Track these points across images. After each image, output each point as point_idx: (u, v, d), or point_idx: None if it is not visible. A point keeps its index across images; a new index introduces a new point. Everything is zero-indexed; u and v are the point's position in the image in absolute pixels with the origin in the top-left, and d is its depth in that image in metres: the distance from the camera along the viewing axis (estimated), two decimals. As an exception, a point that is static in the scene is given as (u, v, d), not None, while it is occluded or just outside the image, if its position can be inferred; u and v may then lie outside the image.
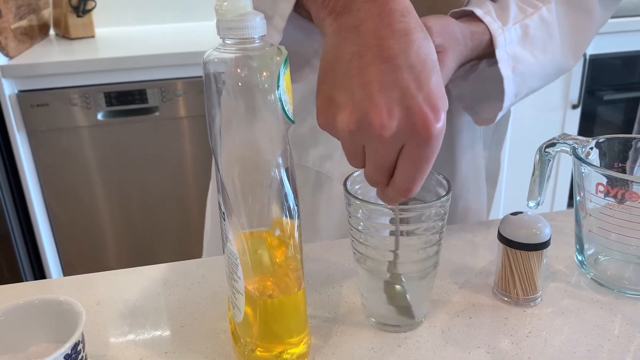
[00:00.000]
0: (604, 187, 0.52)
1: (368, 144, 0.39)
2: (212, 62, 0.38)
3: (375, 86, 0.36)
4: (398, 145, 0.38)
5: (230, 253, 0.43)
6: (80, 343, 0.43)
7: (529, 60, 0.58)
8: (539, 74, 0.60)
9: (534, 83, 0.61)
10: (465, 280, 0.58)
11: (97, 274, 0.61)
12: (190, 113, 1.64)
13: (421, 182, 0.40)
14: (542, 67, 0.60)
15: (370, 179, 0.41)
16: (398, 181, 0.40)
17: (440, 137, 0.37)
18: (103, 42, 1.81)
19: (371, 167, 0.40)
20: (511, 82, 0.57)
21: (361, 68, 0.36)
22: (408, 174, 0.39)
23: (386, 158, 0.39)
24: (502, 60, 0.56)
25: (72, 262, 1.75)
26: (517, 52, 0.57)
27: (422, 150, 0.37)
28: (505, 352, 0.48)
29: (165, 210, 1.74)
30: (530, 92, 0.62)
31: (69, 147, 1.61)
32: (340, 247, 0.65)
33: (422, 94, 0.36)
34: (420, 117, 0.36)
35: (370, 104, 0.36)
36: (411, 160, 0.38)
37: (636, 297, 0.54)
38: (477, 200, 0.76)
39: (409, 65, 0.36)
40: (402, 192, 0.40)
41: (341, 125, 0.38)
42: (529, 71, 0.58)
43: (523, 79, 0.58)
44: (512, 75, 0.57)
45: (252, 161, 0.41)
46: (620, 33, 1.90)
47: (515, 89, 0.58)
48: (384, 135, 0.36)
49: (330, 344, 0.49)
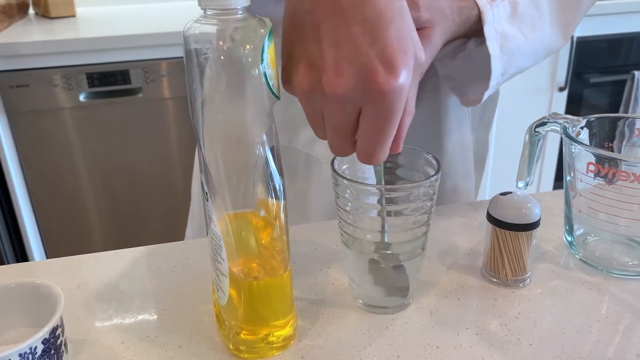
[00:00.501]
0: (594, 166, 0.51)
1: (324, 107, 0.37)
2: (193, 35, 0.36)
3: (327, 42, 0.34)
4: (354, 107, 0.36)
5: (214, 234, 0.42)
6: (59, 327, 0.42)
7: (518, 38, 0.57)
8: (528, 53, 0.59)
9: (522, 62, 0.59)
10: (453, 261, 0.57)
11: (78, 257, 0.60)
12: (174, 94, 1.61)
13: (384, 147, 0.38)
14: (531, 45, 0.59)
15: (333, 146, 0.40)
16: (360, 146, 0.38)
17: (399, 95, 0.35)
18: (84, 21, 1.77)
19: (330, 131, 0.38)
20: (499, 61, 0.56)
21: (314, 23, 0.35)
22: (367, 138, 0.37)
23: (342, 121, 0.37)
24: (490, 37, 0.54)
25: (56, 245, 1.72)
26: (506, 30, 0.56)
27: (379, 110, 0.35)
28: (494, 333, 0.47)
29: (150, 192, 1.72)
30: (518, 71, 0.60)
31: (50, 129, 1.58)
32: (328, 229, 0.64)
33: (375, 48, 0.34)
34: (372, 74, 0.34)
35: (321, 61, 0.34)
36: (368, 123, 0.36)
37: (624, 277, 0.54)
38: (465, 181, 0.76)
39: (363, 18, 0.34)
40: (365, 157, 0.38)
41: (296, 84, 0.37)
42: (517, 49, 0.57)
43: (511, 57, 0.57)
44: (500, 53, 0.56)
45: (235, 139, 0.40)
46: (607, 15, 1.89)
47: (503, 67, 0.57)
48: (334, 94, 0.34)
49: (317, 327, 0.48)
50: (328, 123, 0.38)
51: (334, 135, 0.39)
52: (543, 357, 0.44)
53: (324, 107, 0.37)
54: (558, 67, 1.92)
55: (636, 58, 2.00)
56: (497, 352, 0.45)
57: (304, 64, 0.36)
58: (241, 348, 0.45)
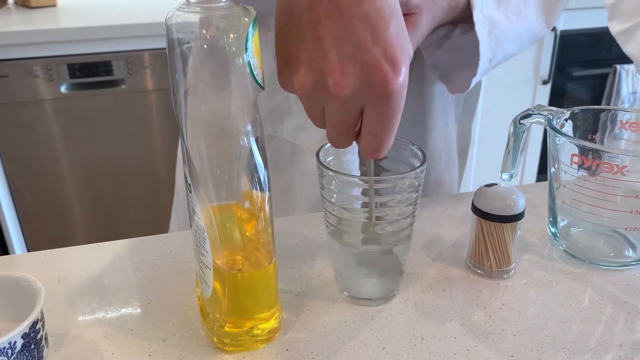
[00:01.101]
0: (578, 158, 0.51)
1: (326, 104, 0.37)
2: (175, 24, 0.36)
3: (328, 42, 0.34)
4: (357, 105, 0.36)
5: (198, 227, 0.42)
6: (39, 321, 0.41)
7: (505, 24, 0.57)
8: (514, 39, 0.60)
9: (509, 48, 0.60)
10: (438, 252, 0.57)
11: (59, 250, 0.59)
12: (157, 86, 1.60)
13: (390, 141, 0.38)
14: (517, 31, 0.59)
15: (332, 140, 0.40)
16: (365, 142, 0.38)
17: (403, 92, 0.35)
18: (65, 11, 1.74)
19: (331, 128, 0.38)
20: (486, 47, 0.56)
21: (313, 22, 0.34)
22: (374, 134, 0.37)
23: (346, 119, 0.37)
24: (479, 23, 0.54)
25: (37, 238, 1.70)
26: (493, 15, 0.56)
27: (383, 108, 0.35)
28: (478, 324, 0.47)
29: (134, 185, 1.71)
30: (504, 58, 0.61)
31: (31, 121, 1.56)
32: (313, 221, 0.63)
33: (378, 47, 0.34)
34: (378, 73, 0.34)
35: (324, 61, 0.34)
36: (375, 120, 0.36)
37: (607, 268, 0.55)
38: (448, 171, 0.76)
39: (363, 15, 0.33)
40: (371, 152, 0.39)
41: (298, 85, 0.36)
42: (504, 35, 0.57)
43: (498, 43, 0.57)
44: (488, 39, 0.56)
45: (219, 130, 0.39)
46: (590, 9, 1.91)
47: (490, 53, 0.57)
48: (341, 95, 0.34)
49: (302, 319, 0.48)
50: (330, 120, 0.38)
51: (335, 131, 0.39)
52: (527, 348, 0.45)
53: (327, 106, 0.37)
54: (542, 60, 1.93)
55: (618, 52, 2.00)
56: (482, 343, 0.45)
57: (305, 64, 0.36)
58: (225, 341, 0.44)
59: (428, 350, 0.45)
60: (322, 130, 0.40)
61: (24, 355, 0.40)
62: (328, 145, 0.48)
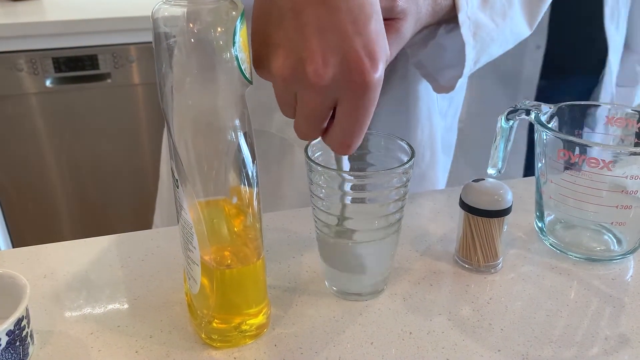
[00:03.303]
0: (565, 153, 0.52)
1: (300, 93, 0.37)
2: (162, 17, 0.35)
3: (311, 29, 0.34)
4: (332, 96, 0.36)
5: (185, 222, 0.41)
6: (24, 318, 0.41)
7: (489, 26, 0.57)
8: (499, 41, 0.60)
9: (493, 50, 0.60)
10: (426, 247, 0.58)
11: (45, 246, 0.58)
12: (144, 80, 1.58)
13: (361, 137, 0.38)
14: (502, 33, 0.59)
15: (299, 130, 0.39)
16: (336, 137, 0.38)
17: (378, 88, 0.35)
18: (50, 3, 1.72)
19: (302, 117, 0.38)
20: (472, 48, 0.56)
21: (297, 9, 0.34)
22: (346, 128, 0.37)
23: (318, 109, 0.37)
24: (464, 25, 0.54)
25: (22, 234, 1.68)
26: (478, 17, 0.56)
27: (359, 101, 0.35)
28: (466, 318, 0.48)
29: (120, 180, 1.69)
30: (488, 59, 0.61)
31: (15, 115, 1.54)
32: (301, 216, 0.63)
33: (360, 39, 0.34)
34: (357, 65, 0.34)
35: (306, 48, 0.34)
36: (348, 113, 0.36)
37: (593, 262, 0.55)
38: (432, 169, 0.76)
39: (347, 8, 0.34)
40: (341, 147, 0.39)
41: (275, 71, 0.36)
42: (489, 37, 0.57)
43: (483, 45, 0.57)
44: (473, 41, 0.56)
45: (207, 125, 0.39)
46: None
47: (476, 55, 0.57)
48: (318, 84, 0.34)
49: (291, 314, 0.48)
50: (302, 110, 0.38)
51: (305, 122, 0.39)
52: (514, 342, 0.45)
53: (301, 95, 0.37)
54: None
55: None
56: (469, 337, 0.45)
57: (284, 50, 0.35)
58: (214, 337, 0.44)
59: (416, 345, 0.45)
60: None
61: (9, 352, 0.40)
62: (317, 140, 0.48)
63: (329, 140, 0.39)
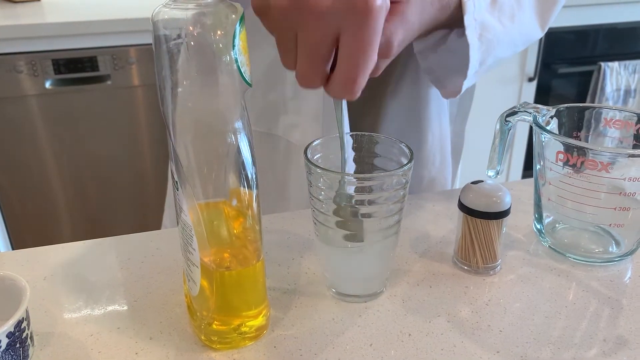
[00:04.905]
0: (563, 155, 0.52)
1: (301, 27, 0.36)
2: (162, 20, 0.35)
3: None
4: (333, 26, 0.35)
5: (185, 224, 0.41)
6: (24, 320, 0.41)
7: (497, 28, 0.57)
8: (507, 43, 0.59)
9: (501, 52, 0.60)
10: (425, 249, 0.58)
11: (45, 248, 0.58)
12: (144, 82, 1.58)
13: (365, 75, 0.37)
14: (510, 35, 0.59)
15: (302, 75, 0.38)
16: (341, 71, 0.37)
17: (380, 16, 0.35)
18: (50, 5, 1.72)
19: (303, 58, 0.37)
20: (477, 50, 0.56)
21: None
22: (350, 61, 0.36)
23: (319, 44, 0.36)
24: (469, 27, 0.54)
25: (22, 236, 1.68)
26: (485, 19, 0.56)
27: (362, 29, 0.35)
28: (465, 320, 0.48)
29: (121, 182, 1.69)
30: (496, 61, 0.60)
31: (15, 117, 1.54)
32: (301, 218, 0.63)
33: None
34: None
35: None
36: (351, 43, 0.36)
37: (591, 264, 0.55)
38: (442, 173, 0.76)
39: None
40: (347, 83, 0.37)
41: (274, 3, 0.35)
42: (496, 39, 0.57)
43: (489, 47, 0.57)
44: (479, 43, 0.56)
45: (206, 127, 0.39)
46: (575, 7, 1.92)
47: (481, 57, 0.57)
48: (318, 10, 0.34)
49: (290, 316, 0.48)
50: (302, 47, 0.37)
51: (307, 61, 0.37)
52: (513, 343, 0.45)
53: (301, 29, 0.36)
54: (528, 57, 1.95)
55: (603, 49, 2.04)
56: (468, 339, 0.46)
57: None
58: (213, 339, 0.44)
59: (415, 347, 0.45)
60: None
61: (9, 354, 0.40)
62: (316, 142, 0.49)
63: (332, 84, 0.38)
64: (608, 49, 2.04)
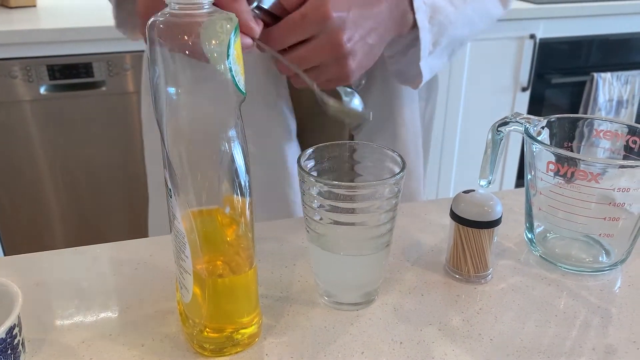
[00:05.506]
0: (554, 165, 0.52)
1: None
2: (157, 28, 0.36)
3: None
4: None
5: (178, 231, 0.42)
6: (16, 327, 0.41)
7: (448, 9, 0.61)
8: (461, 22, 0.63)
9: (456, 32, 0.63)
10: (417, 257, 0.58)
11: (37, 254, 0.58)
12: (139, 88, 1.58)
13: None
14: (463, 15, 0.63)
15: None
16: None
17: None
18: (45, 11, 1.72)
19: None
20: (427, 32, 0.59)
21: None
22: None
23: None
24: (419, 10, 0.58)
25: (15, 242, 1.67)
26: (436, 2, 0.59)
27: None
28: (456, 328, 0.48)
29: (114, 188, 1.69)
30: (454, 41, 0.64)
31: (9, 123, 1.53)
32: (294, 226, 0.64)
33: None
34: None
35: None
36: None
37: (581, 273, 0.56)
38: (416, 165, 0.78)
39: None
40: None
41: None
42: (447, 20, 0.60)
43: (441, 28, 0.60)
44: (429, 25, 0.59)
45: (200, 135, 0.39)
46: (569, 18, 1.94)
47: (433, 37, 0.60)
48: None
49: (282, 324, 0.48)
50: None
51: None
52: (504, 352, 0.45)
53: None
54: (521, 67, 1.96)
55: (595, 60, 2.06)
56: (459, 348, 0.46)
57: None
58: (205, 346, 0.44)
59: (406, 355, 0.45)
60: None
61: (0, 360, 0.40)
62: (310, 151, 0.49)
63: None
64: (601, 59, 2.06)
